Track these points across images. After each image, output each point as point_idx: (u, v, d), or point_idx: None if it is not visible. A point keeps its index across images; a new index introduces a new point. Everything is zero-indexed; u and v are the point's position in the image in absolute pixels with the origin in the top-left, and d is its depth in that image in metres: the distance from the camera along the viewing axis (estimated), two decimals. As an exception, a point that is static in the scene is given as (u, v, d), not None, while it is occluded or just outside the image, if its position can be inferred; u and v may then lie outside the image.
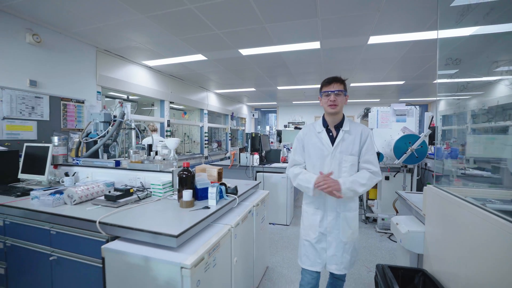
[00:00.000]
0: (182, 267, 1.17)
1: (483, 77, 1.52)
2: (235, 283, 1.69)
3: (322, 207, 1.60)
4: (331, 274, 1.72)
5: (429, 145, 3.51)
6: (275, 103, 9.98)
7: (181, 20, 2.81)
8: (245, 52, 3.80)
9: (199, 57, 4.06)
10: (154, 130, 4.73)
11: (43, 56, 2.95)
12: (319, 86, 1.63)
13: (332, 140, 1.57)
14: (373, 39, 3.20)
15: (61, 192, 1.81)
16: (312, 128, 1.66)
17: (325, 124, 1.62)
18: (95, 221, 1.43)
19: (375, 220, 4.00)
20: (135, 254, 1.27)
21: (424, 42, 3.26)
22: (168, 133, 5.20)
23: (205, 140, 6.78)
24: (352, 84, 6.04)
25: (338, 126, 1.58)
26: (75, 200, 1.76)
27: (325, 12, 2.58)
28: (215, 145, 7.85)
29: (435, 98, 4.59)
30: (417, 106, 3.89)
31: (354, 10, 2.55)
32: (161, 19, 2.80)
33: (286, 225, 3.87)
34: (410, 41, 3.27)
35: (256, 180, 3.94)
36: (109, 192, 1.85)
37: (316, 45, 3.45)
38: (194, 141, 7.06)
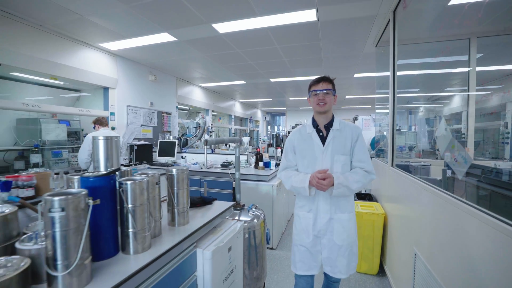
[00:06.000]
0: (272, 186, 3.05)
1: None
2: (283, 208, 3.56)
3: (314, 210, 1.53)
4: (326, 276, 1.63)
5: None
6: (285, 108, 11.87)
7: (243, 68, 4.69)
8: (273, 79, 5.69)
9: (241, 82, 5.95)
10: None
11: (156, 87, 4.85)
12: None
13: (323, 140, 1.51)
14: (357, 75, 5.08)
15: (197, 163, 3.70)
16: (302, 129, 1.60)
17: (315, 124, 1.56)
18: (228, 172, 3.31)
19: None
20: (251, 183, 3.15)
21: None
22: (212, 134, 7.07)
23: (233, 139, 8.67)
24: (347, 96, 7.92)
25: (328, 126, 1.52)
26: (206, 166, 3.64)
27: (326, 63, 4.45)
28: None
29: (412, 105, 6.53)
30: (389, 116, 5.76)
31: (344, 62, 4.42)
32: (235, 70, 4.68)
33: (300, 195, 5.75)
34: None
35: (279, 165, 5.85)
36: (221, 163, 3.74)
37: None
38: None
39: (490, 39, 2.95)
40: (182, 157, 4.28)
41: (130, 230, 1.05)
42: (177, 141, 4.15)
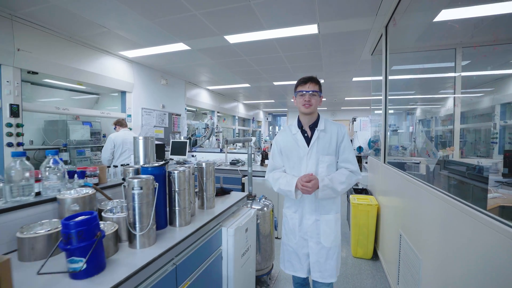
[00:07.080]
0: (278, 181, 3.38)
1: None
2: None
3: (300, 211, 1.53)
4: (315, 284, 1.54)
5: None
6: (286, 109, 12.19)
7: (248, 73, 5.01)
8: (276, 83, 6.01)
9: (245, 85, 6.28)
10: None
11: (167, 90, 5.18)
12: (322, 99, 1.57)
13: (308, 140, 1.50)
14: (355, 79, 5.40)
15: (208, 160, 4.03)
16: (288, 130, 1.60)
17: (300, 125, 1.55)
18: (237, 169, 3.63)
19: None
20: (258, 178, 3.47)
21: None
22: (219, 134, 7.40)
23: (236, 139, 9.00)
24: (346, 98, 8.24)
25: (313, 126, 1.52)
26: (217, 164, 3.96)
27: (326, 69, 4.78)
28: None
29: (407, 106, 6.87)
30: (385, 117, 6.08)
31: (343, 68, 4.75)
32: (242, 74, 5.00)
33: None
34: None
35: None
36: (229, 162, 4.07)
37: (321, 81, 5.67)
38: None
39: (475, 48, 3.28)
40: (192, 156, 4.61)
41: (177, 208, 1.37)
42: (187, 141, 4.47)
